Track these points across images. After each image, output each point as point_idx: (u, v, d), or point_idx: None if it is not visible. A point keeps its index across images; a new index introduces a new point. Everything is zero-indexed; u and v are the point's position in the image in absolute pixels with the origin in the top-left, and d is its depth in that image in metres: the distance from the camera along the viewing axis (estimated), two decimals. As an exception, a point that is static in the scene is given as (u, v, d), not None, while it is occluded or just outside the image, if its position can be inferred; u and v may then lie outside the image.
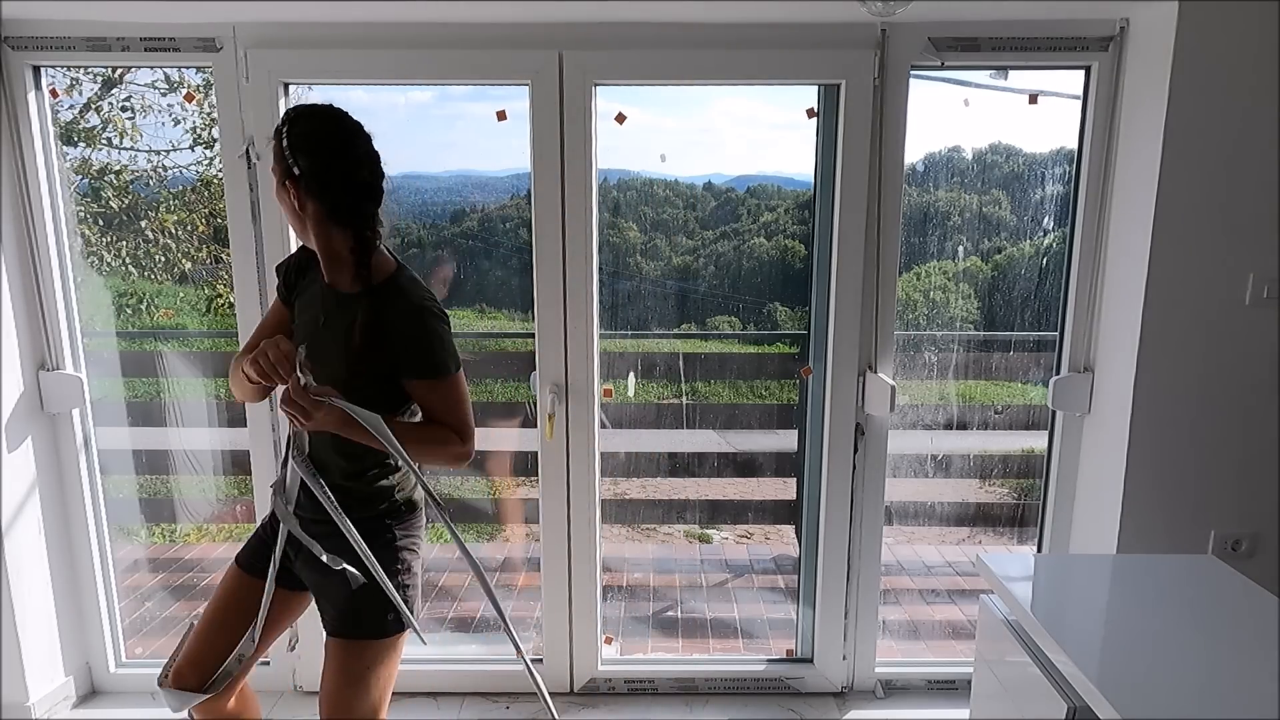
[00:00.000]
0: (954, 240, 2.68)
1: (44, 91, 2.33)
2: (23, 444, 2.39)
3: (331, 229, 1.56)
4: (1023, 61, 2.28)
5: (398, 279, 1.62)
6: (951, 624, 3.05)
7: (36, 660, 2.48)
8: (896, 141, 2.29)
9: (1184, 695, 1.31)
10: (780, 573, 3.52)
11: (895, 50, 2.23)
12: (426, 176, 3.09)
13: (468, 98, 2.70)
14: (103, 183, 2.87)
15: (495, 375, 3.37)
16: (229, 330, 2.51)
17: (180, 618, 3.03)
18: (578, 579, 2.56)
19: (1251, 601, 1.61)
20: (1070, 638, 1.45)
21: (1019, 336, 2.74)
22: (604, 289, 2.44)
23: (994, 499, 3.16)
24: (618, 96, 2.34)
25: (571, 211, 2.32)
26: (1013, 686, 1.63)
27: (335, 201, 1.53)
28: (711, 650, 2.98)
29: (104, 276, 2.84)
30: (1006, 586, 1.65)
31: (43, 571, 2.48)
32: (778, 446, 3.28)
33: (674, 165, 2.81)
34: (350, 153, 1.54)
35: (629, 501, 3.40)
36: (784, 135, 2.71)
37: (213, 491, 3.00)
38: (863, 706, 2.61)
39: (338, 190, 1.53)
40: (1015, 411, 2.91)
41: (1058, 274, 2.47)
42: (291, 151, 1.51)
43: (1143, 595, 1.65)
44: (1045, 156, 2.58)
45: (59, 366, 2.44)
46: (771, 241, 3.13)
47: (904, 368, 2.69)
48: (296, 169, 1.52)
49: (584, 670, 2.65)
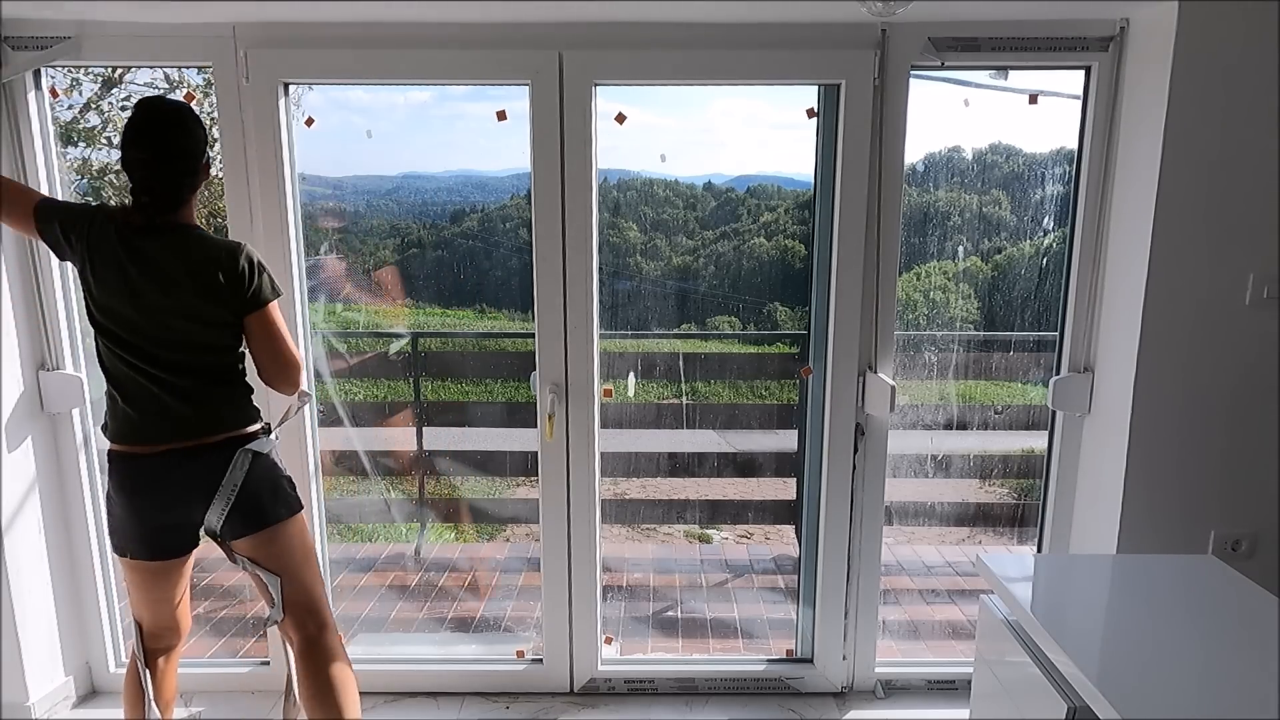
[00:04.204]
0: (954, 240, 2.68)
1: (44, 91, 2.33)
2: (23, 444, 2.39)
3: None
4: (1023, 61, 2.28)
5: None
6: (951, 624, 3.05)
7: (36, 660, 2.48)
8: (896, 141, 2.29)
9: (1184, 695, 1.31)
10: (780, 573, 3.52)
11: (895, 50, 2.23)
12: (426, 176, 3.09)
13: (468, 98, 2.70)
14: (103, 183, 2.87)
15: (495, 375, 3.37)
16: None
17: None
18: (578, 579, 2.56)
19: (1251, 601, 1.61)
20: (1070, 638, 1.45)
21: (1019, 336, 2.74)
22: (604, 289, 2.44)
23: (994, 499, 3.17)
24: (618, 96, 2.35)
25: (571, 211, 2.32)
26: (1013, 686, 1.63)
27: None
28: (711, 650, 2.98)
29: (104, 276, 2.84)
30: (1006, 586, 1.65)
31: (43, 571, 2.48)
32: (778, 446, 3.29)
33: (674, 165, 2.81)
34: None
35: (629, 501, 3.40)
36: (784, 135, 2.71)
37: (213, 491, 3.00)
38: (863, 706, 2.61)
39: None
40: (1015, 411, 2.91)
41: (1058, 274, 2.47)
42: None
43: (1143, 595, 1.65)
44: (1045, 156, 2.58)
45: (59, 366, 2.44)
46: (771, 241, 3.13)
47: (904, 368, 2.69)
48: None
49: (584, 670, 2.65)
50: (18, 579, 2.39)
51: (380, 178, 3.00)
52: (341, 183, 2.90)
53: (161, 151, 1.77)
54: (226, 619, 3.04)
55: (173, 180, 1.80)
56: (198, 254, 1.80)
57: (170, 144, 1.78)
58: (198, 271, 1.79)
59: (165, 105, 1.83)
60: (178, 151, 1.79)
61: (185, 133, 1.80)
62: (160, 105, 1.82)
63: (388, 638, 3.02)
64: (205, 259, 1.80)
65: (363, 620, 3.09)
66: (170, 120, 1.80)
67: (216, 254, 1.81)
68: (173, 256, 1.79)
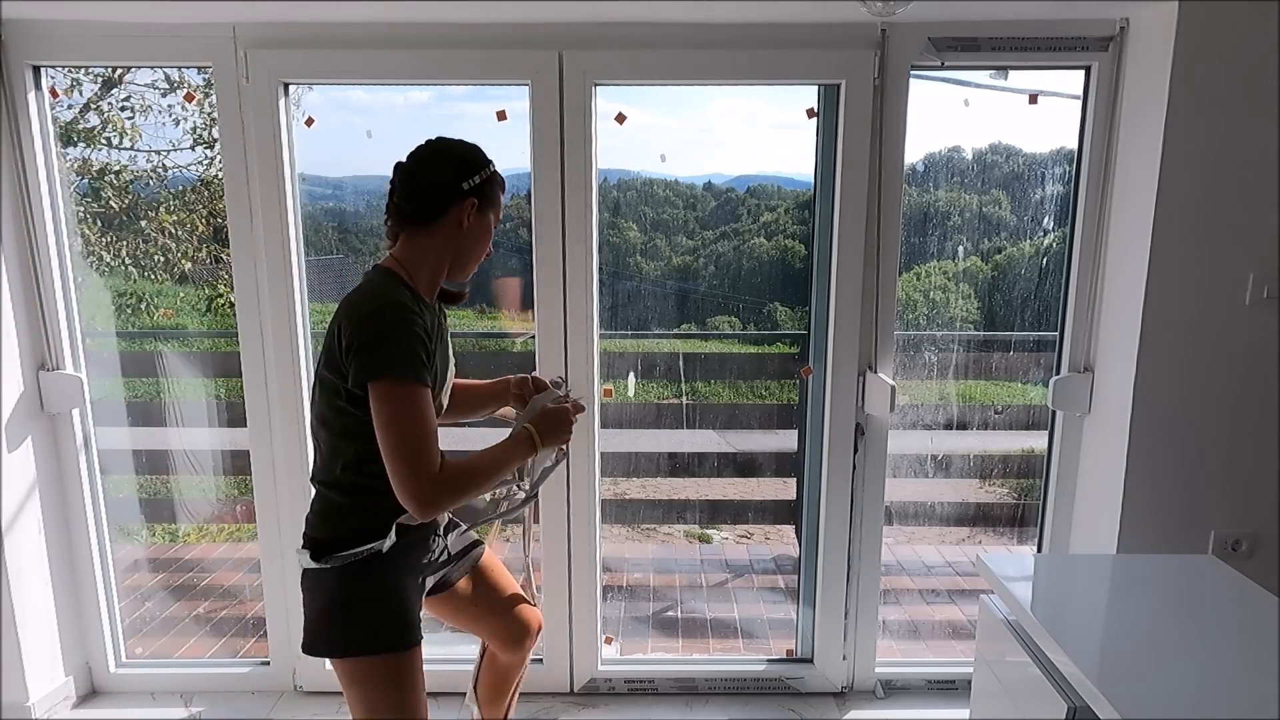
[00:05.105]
0: (954, 240, 2.68)
1: (44, 91, 2.33)
2: (23, 444, 2.39)
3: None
4: (1023, 61, 2.28)
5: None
6: (951, 624, 3.05)
7: (36, 660, 2.48)
8: (896, 141, 2.29)
9: (1184, 695, 1.31)
10: (780, 573, 3.52)
11: (895, 50, 2.23)
12: (427, 176, 3.08)
13: (468, 98, 2.70)
14: (103, 183, 2.87)
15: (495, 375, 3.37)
16: (229, 330, 2.51)
17: (180, 618, 3.04)
18: (578, 579, 2.56)
19: (1251, 601, 1.61)
20: (1070, 638, 1.45)
21: (1019, 336, 2.74)
22: (604, 289, 2.44)
23: (994, 499, 3.16)
24: (618, 96, 2.35)
25: (571, 211, 2.32)
26: (1013, 686, 1.63)
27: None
28: (711, 650, 2.98)
29: (104, 276, 2.84)
30: (1006, 586, 1.65)
31: (43, 571, 2.48)
32: (778, 446, 3.28)
33: (674, 165, 2.81)
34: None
35: (629, 501, 3.40)
36: (784, 135, 2.71)
37: (213, 491, 3.01)
38: (863, 706, 2.61)
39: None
40: (1015, 411, 2.91)
41: (1058, 274, 2.47)
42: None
43: (1143, 595, 1.65)
44: (1045, 156, 2.58)
45: (59, 366, 2.44)
46: (771, 241, 3.13)
47: (904, 368, 2.69)
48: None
49: (584, 670, 2.65)
50: (18, 579, 2.39)
51: (380, 178, 2.97)
52: (341, 183, 2.90)
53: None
54: (226, 619, 3.04)
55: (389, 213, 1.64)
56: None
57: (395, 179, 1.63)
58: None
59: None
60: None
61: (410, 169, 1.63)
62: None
63: (388, 638, 3.01)
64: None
65: (363, 620, 3.08)
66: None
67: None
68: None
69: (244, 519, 3.05)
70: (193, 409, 2.90)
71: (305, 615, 1.60)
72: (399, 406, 1.42)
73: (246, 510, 2.75)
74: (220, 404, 2.89)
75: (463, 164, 1.58)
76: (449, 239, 1.58)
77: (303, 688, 2.65)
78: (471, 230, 1.59)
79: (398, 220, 1.59)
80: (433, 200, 1.56)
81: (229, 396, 2.84)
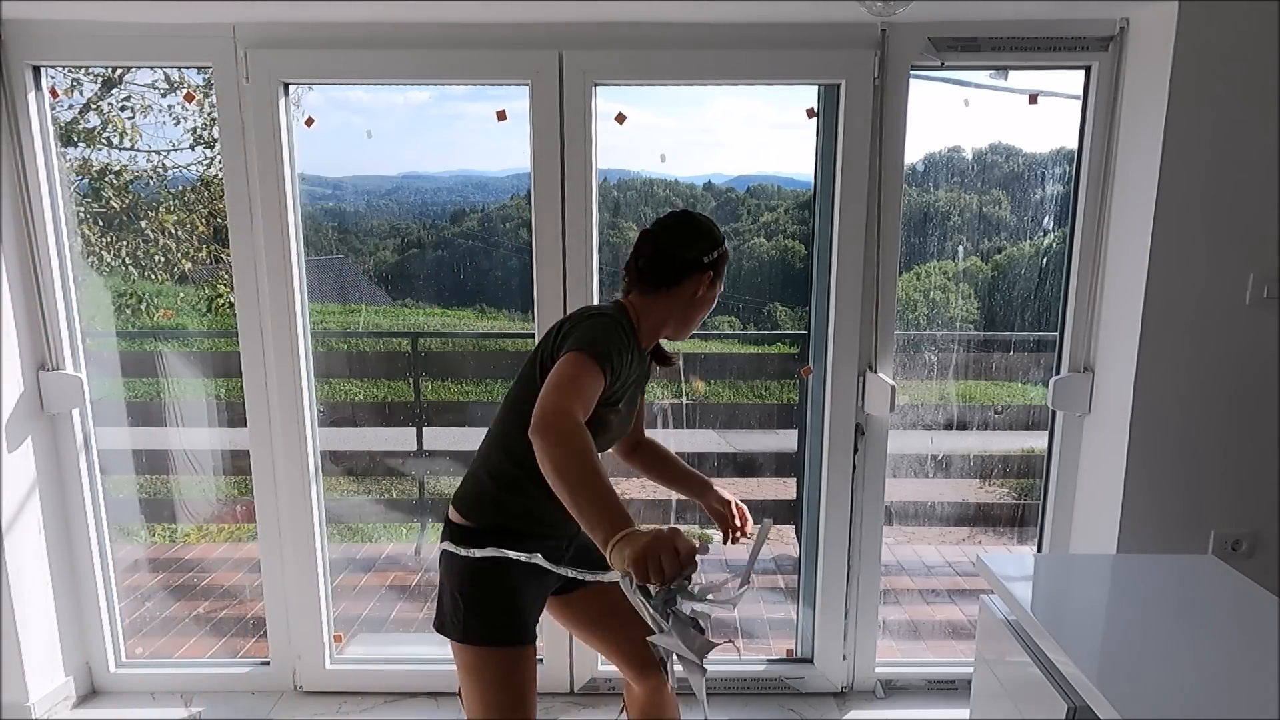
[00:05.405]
0: (954, 240, 2.68)
1: (44, 91, 2.33)
2: (23, 444, 2.39)
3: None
4: (1023, 61, 2.28)
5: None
6: (951, 624, 3.05)
7: (36, 660, 2.48)
8: (896, 141, 2.29)
9: (1184, 695, 1.31)
10: (780, 573, 3.52)
11: (895, 50, 2.23)
12: (426, 176, 3.09)
13: (467, 98, 2.70)
14: (103, 183, 2.87)
15: (495, 375, 3.37)
16: (229, 330, 2.51)
17: (180, 618, 3.04)
18: (578, 579, 2.56)
19: (1251, 601, 1.61)
20: (1070, 638, 1.45)
21: (1019, 336, 2.74)
22: (604, 289, 2.44)
23: (994, 499, 3.16)
24: (618, 96, 2.34)
25: (571, 211, 2.32)
26: (1013, 686, 1.63)
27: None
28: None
29: (104, 276, 2.85)
30: (1006, 586, 1.65)
31: (43, 571, 2.48)
32: (778, 446, 3.28)
33: (674, 165, 2.80)
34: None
35: (629, 502, 3.40)
36: (784, 135, 2.71)
37: (213, 491, 3.01)
38: (863, 706, 2.61)
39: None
40: (1015, 411, 2.91)
41: (1058, 274, 2.47)
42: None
43: (1143, 595, 1.65)
44: (1045, 156, 2.58)
45: (59, 366, 2.44)
46: (771, 241, 3.13)
47: (904, 368, 2.69)
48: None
49: (584, 670, 2.65)
50: (18, 579, 2.39)
51: (380, 178, 3.00)
52: (341, 183, 2.90)
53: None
54: (226, 619, 3.04)
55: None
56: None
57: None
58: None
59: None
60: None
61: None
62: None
63: (388, 638, 3.02)
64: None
65: (363, 620, 3.09)
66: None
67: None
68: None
69: (244, 519, 3.05)
70: (193, 409, 2.90)
71: (439, 595, 1.68)
72: (578, 369, 1.45)
73: (246, 510, 2.75)
74: (220, 404, 2.89)
75: (706, 240, 1.69)
76: (680, 304, 1.69)
77: (303, 688, 2.65)
78: (701, 299, 1.71)
79: (636, 280, 1.69)
80: (673, 270, 1.67)
81: (229, 396, 2.85)
